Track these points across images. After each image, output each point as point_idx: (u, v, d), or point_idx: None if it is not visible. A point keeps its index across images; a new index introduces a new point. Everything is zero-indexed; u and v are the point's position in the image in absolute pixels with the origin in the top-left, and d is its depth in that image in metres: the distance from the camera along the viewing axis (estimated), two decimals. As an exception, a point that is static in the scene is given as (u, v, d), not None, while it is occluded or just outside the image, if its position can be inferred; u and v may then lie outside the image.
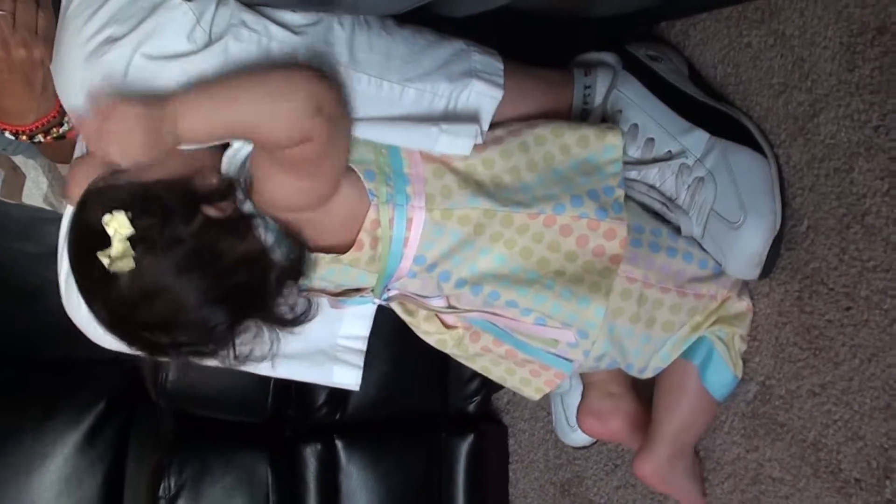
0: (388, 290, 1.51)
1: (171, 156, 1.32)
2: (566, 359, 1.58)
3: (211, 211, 1.33)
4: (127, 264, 1.28)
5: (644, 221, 1.57)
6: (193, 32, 1.34)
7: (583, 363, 1.58)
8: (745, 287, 1.61)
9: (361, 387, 1.67)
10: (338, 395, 2.05)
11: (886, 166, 1.42)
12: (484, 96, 1.48)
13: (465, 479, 2.12)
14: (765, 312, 1.61)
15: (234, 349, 1.39)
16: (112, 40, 1.32)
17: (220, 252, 1.33)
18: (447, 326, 1.58)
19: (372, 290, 1.50)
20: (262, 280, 1.37)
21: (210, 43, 1.34)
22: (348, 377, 1.66)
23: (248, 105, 1.29)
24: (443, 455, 2.12)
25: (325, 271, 1.44)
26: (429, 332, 1.59)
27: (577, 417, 1.82)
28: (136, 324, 1.35)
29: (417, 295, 1.53)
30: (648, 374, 1.62)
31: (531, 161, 1.49)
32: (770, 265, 1.55)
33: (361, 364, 1.66)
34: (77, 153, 1.54)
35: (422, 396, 2.13)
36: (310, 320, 1.46)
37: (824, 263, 1.51)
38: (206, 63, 1.34)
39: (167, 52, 1.33)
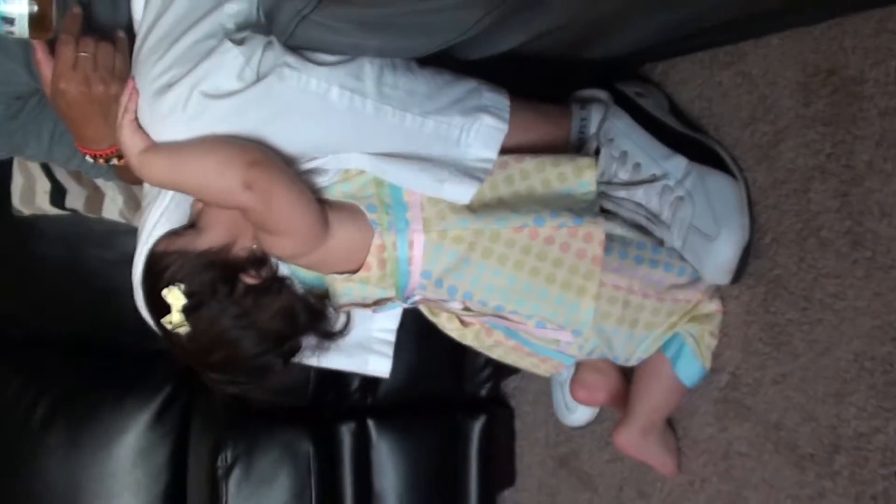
0: (412, 295, 1.53)
1: (215, 224, 1.41)
2: (566, 354, 1.61)
3: (248, 279, 1.41)
4: (184, 329, 1.38)
5: (630, 236, 1.59)
6: (243, 73, 1.35)
7: (580, 356, 1.61)
8: (716, 291, 1.61)
9: (390, 374, 1.69)
10: (370, 382, 2.05)
11: (837, 188, 1.43)
12: (492, 129, 1.48)
13: (477, 454, 2.12)
14: (735, 312, 1.61)
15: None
16: (173, 81, 1.35)
17: (258, 312, 1.41)
18: (465, 324, 1.60)
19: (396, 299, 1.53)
20: (296, 325, 1.45)
21: (257, 81, 1.36)
22: (380, 366, 1.67)
23: (192, 175, 1.35)
24: (459, 433, 2.11)
25: (344, 290, 1.48)
26: (450, 328, 1.61)
27: (570, 388, 1.82)
28: (200, 366, 1.44)
29: (436, 300, 1.55)
30: (632, 363, 1.64)
31: (515, 192, 1.51)
32: (740, 272, 1.56)
33: (391, 354, 1.67)
34: (145, 190, 1.58)
35: (441, 383, 2.13)
36: (348, 333, 1.52)
37: (785, 271, 1.53)
38: (254, 99, 1.36)
39: (221, 90, 1.35)
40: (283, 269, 1.46)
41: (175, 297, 1.37)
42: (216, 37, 1.37)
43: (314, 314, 1.47)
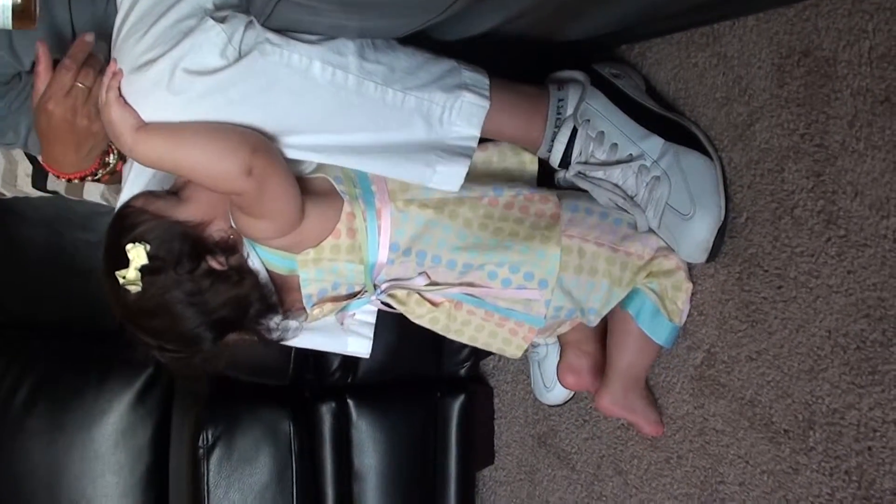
0: (379, 285, 1.54)
1: (197, 200, 1.40)
2: (534, 315, 1.60)
3: (213, 263, 1.40)
4: (135, 288, 1.36)
5: (579, 196, 1.62)
6: (226, 50, 1.34)
7: (548, 315, 1.60)
8: (669, 248, 1.61)
9: (370, 354, 1.69)
10: (350, 361, 2.05)
11: (811, 167, 1.44)
12: (474, 105, 1.48)
13: (457, 432, 2.13)
14: (710, 290, 1.62)
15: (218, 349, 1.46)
16: (155, 58, 1.33)
17: (212, 295, 1.40)
18: (434, 304, 1.60)
19: (366, 290, 1.53)
20: (243, 316, 1.44)
21: (239, 58, 1.35)
22: (361, 347, 1.68)
23: (193, 157, 1.33)
24: (438, 412, 2.12)
25: (314, 272, 1.48)
26: (421, 314, 1.60)
27: (557, 373, 1.83)
28: (135, 325, 1.42)
29: (402, 279, 1.54)
30: (596, 321, 1.64)
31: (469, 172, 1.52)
32: (715, 251, 1.56)
33: (371, 335, 1.67)
34: (124, 172, 1.57)
35: (421, 362, 2.13)
36: (283, 341, 1.52)
37: (760, 249, 1.53)
38: (237, 75, 1.35)
39: (204, 66, 1.33)
40: (254, 260, 1.45)
41: (138, 254, 1.35)
42: (196, 16, 1.35)
43: (265, 309, 1.46)
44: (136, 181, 1.52)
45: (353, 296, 1.54)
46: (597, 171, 1.61)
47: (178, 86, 1.33)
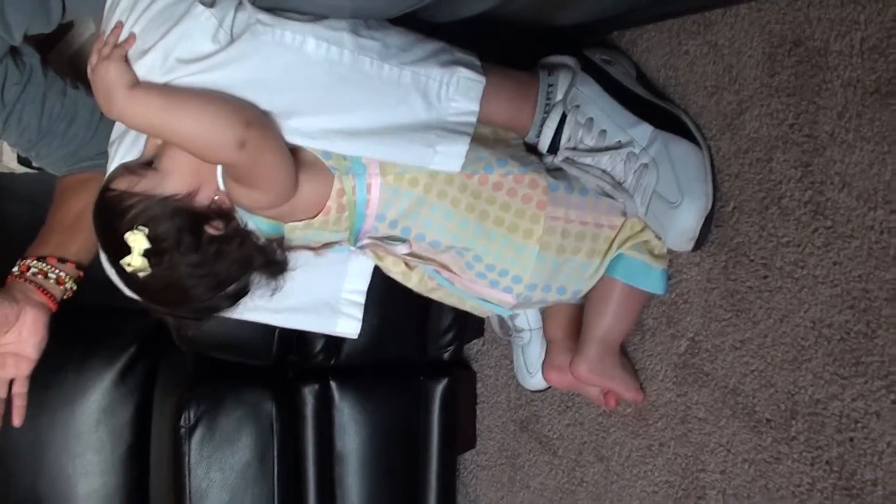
0: (361, 239, 1.54)
1: (179, 170, 1.38)
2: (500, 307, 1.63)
3: (211, 230, 1.40)
4: (144, 272, 1.37)
5: (559, 175, 1.61)
6: (217, 34, 1.35)
7: (521, 294, 1.61)
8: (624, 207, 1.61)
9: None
10: (333, 343, 2.05)
11: (799, 157, 1.44)
12: (470, 80, 1.49)
13: (439, 416, 2.13)
14: (696, 279, 1.63)
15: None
16: (146, 48, 1.33)
17: (219, 260, 1.40)
18: (410, 267, 1.62)
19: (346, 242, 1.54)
20: (252, 267, 1.45)
21: (232, 41, 1.35)
22: (349, 327, 1.68)
23: (184, 124, 1.33)
24: (421, 395, 2.12)
25: (303, 236, 1.49)
26: (395, 272, 1.63)
27: (542, 372, 1.84)
28: (152, 301, 1.43)
29: (385, 239, 1.55)
30: (579, 297, 1.65)
31: None
32: (702, 239, 1.57)
33: (360, 316, 1.67)
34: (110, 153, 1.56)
35: (405, 346, 2.13)
36: (289, 270, 1.51)
37: (746, 239, 1.54)
38: (230, 58, 1.35)
39: (196, 54, 1.34)
40: (244, 218, 1.45)
41: (138, 240, 1.35)
42: (186, 1, 1.36)
43: (269, 261, 1.47)
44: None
45: (330, 244, 1.55)
46: (585, 158, 1.61)
47: (171, 76, 1.34)
